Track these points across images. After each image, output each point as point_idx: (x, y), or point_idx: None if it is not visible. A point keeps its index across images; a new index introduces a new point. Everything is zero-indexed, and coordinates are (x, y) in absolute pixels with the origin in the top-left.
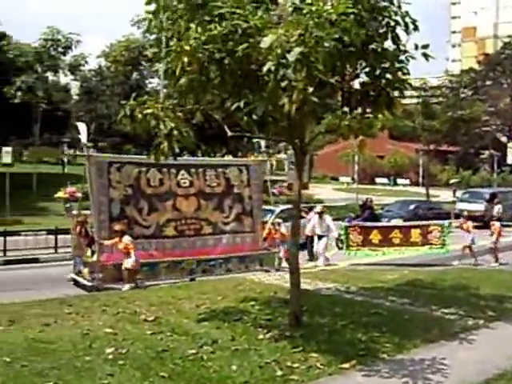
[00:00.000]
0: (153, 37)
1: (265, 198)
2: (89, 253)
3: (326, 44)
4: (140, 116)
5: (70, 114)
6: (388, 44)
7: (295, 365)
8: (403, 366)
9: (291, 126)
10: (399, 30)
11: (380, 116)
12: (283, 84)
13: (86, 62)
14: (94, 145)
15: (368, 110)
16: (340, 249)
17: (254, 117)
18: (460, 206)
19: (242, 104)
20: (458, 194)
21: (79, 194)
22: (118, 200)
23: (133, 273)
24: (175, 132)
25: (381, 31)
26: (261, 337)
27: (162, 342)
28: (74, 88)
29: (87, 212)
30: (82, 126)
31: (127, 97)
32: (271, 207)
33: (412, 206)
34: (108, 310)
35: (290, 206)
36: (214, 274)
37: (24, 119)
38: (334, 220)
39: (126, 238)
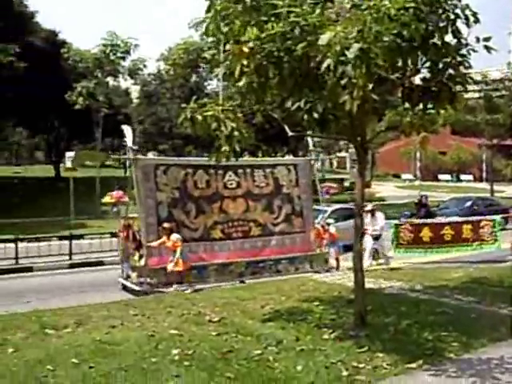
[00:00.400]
0: (210, 39)
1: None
2: (136, 257)
3: (386, 39)
4: (200, 118)
5: (130, 118)
6: (449, 38)
7: (361, 365)
8: (471, 365)
9: (352, 124)
10: (459, 23)
11: (442, 111)
12: (343, 81)
13: (145, 66)
14: (155, 148)
15: (429, 106)
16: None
17: (315, 115)
18: None
19: (302, 103)
20: None
21: (126, 198)
22: (166, 203)
23: (185, 272)
24: (236, 133)
25: (441, 25)
26: (326, 337)
27: (227, 343)
28: (134, 92)
29: (134, 216)
30: (127, 129)
31: (187, 99)
32: (322, 207)
33: (468, 203)
34: (173, 311)
35: (342, 206)
36: (263, 276)
37: (86, 124)
38: (393, 219)
39: (175, 236)
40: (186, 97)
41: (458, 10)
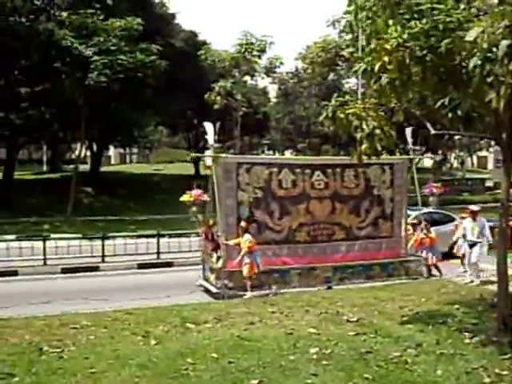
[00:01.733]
0: (349, 37)
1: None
2: (214, 258)
3: None
4: (342, 116)
5: (268, 117)
6: None
7: (504, 372)
8: None
9: (498, 122)
10: None
11: None
12: (489, 79)
13: (282, 64)
14: (292, 146)
15: None
16: None
17: (459, 113)
18: None
19: (446, 101)
20: None
21: (206, 197)
22: (247, 203)
23: (248, 278)
24: (377, 131)
25: None
26: (467, 341)
27: (366, 344)
28: (272, 91)
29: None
30: (208, 126)
31: (324, 98)
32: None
33: None
34: (311, 310)
35: (431, 210)
36: (352, 283)
37: (225, 123)
38: None
39: (245, 236)
40: (323, 95)
41: None
